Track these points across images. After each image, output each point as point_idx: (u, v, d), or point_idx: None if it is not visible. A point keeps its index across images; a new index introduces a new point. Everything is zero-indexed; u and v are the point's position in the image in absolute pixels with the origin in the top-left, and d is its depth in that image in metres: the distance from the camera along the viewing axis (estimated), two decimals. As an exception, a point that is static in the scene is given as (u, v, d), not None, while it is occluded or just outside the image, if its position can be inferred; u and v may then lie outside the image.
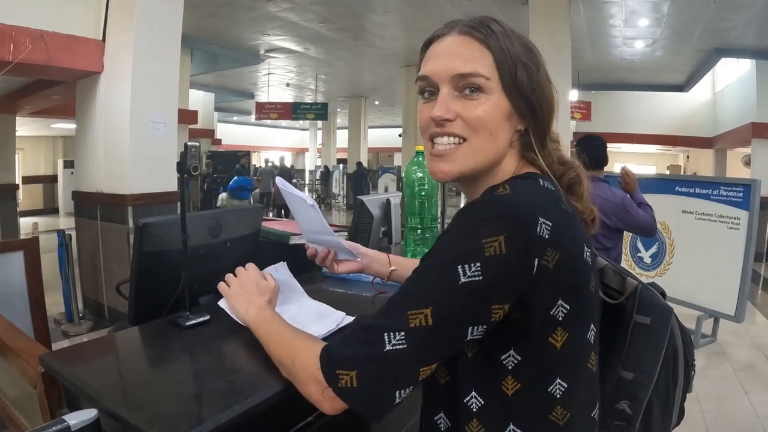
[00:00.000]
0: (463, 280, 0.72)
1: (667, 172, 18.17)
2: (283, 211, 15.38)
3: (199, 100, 14.88)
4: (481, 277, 0.72)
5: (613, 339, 0.93)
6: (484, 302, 0.74)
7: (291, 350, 0.88)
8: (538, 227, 0.73)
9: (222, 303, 1.18)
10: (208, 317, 1.25)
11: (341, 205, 19.14)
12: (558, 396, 0.80)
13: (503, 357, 0.79)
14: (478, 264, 0.72)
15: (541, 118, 0.87)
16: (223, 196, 12.61)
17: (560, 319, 0.78)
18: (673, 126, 14.47)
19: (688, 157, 18.71)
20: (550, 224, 0.74)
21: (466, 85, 0.83)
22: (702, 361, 4.58)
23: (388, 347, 0.73)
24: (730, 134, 12.05)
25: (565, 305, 0.78)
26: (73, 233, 5.04)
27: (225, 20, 8.89)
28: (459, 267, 0.72)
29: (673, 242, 5.20)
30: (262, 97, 16.75)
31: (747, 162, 12.21)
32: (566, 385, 0.80)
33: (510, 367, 0.79)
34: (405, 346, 0.73)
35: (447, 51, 0.85)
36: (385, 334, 0.74)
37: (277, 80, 14.85)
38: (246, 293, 1.12)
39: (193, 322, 1.23)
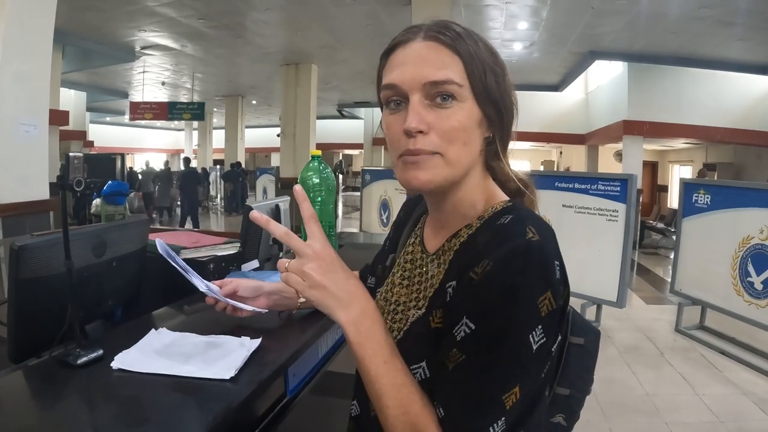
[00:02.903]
0: (535, 347, 0.72)
1: (541, 168, 19.19)
2: (165, 212, 14.81)
3: (71, 99, 14.02)
4: (545, 338, 0.73)
5: None
6: (549, 352, 0.77)
7: (409, 408, 0.76)
8: (556, 271, 0.74)
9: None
10: (101, 352, 1.08)
11: (219, 208, 18.64)
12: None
13: None
14: (540, 327, 0.72)
15: (507, 124, 0.84)
16: (97, 202, 11.87)
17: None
18: (547, 123, 15.25)
19: (561, 152, 19.77)
20: (559, 263, 0.75)
21: (438, 93, 0.77)
22: (589, 347, 4.80)
23: None
24: (602, 131, 12.88)
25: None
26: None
27: (100, 14, 8.32)
28: (529, 336, 0.71)
29: (554, 235, 5.41)
30: (137, 96, 15.89)
31: (619, 157, 13.06)
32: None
33: None
34: (505, 427, 0.72)
35: (415, 57, 0.80)
36: (490, 427, 0.71)
37: (152, 79, 14.14)
38: (335, 283, 0.80)
39: (85, 359, 1.06)
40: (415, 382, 0.77)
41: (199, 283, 1.19)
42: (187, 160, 14.58)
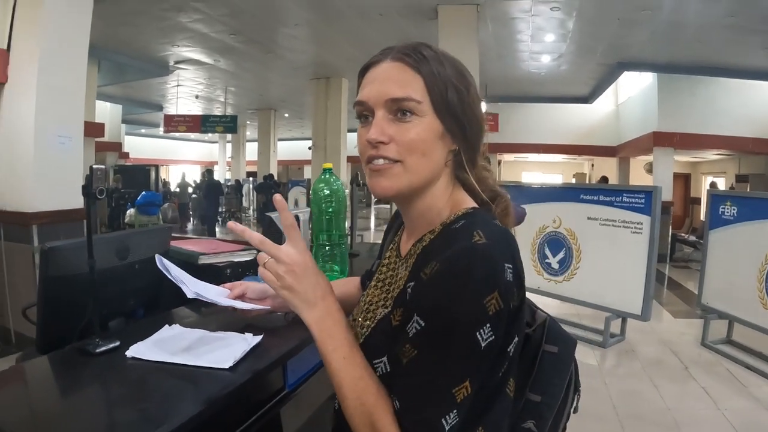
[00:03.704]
0: (483, 344, 0.76)
1: (573, 180, 19.02)
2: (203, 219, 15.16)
3: (106, 112, 14.36)
4: (493, 336, 0.77)
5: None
6: (504, 351, 0.82)
7: (364, 399, 0.83)
8: (506, 273, 0.78)
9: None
10: (118, 343, 1.20)
11: (251, 219, 18.91)
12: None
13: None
14: (488, 325, 0.76)
15: (471, 138, 0.92)
16: (131, 212, 12.18)
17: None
18: (578, 136, 15.13)
19: (593, 165, 19.55)
20: (512, 266, 0.79)
21: (399, 108, 0.86)
22: (612, 359, 4.78)
23: (447, 428, 0.76)
24: (633, 143, 12.73)
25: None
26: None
27: (134, 30, 8.61)
28: (476, 334, 0.76)
29: (579, 248, 5.41)
30: (171, 109, 16.32)
31: (649, 169, 12.90)
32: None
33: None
34: (458, 419, 0.77)
35: (382, 76, 0.89)
36: (442, 419, 0.76)
37: (186, 92, 14.49)
38: (304, 286, 0.90)
39: (103, 348, 1.17)
40: (373, 375, 0.84)
41: (188, 290, 1.28)
42: (210, 172, 14.90)
